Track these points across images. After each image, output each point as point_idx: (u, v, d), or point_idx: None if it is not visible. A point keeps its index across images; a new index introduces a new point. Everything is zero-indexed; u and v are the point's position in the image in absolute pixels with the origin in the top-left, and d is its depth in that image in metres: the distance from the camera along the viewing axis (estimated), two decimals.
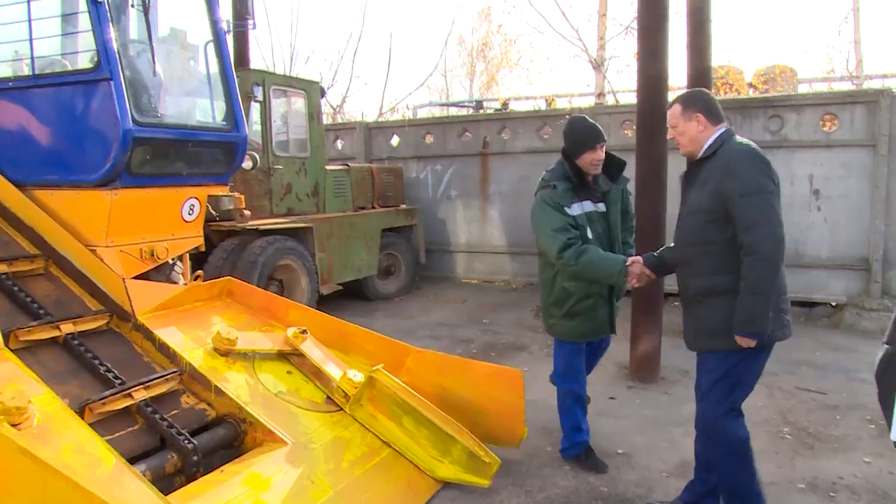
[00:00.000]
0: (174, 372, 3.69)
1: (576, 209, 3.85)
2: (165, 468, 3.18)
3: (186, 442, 3.26)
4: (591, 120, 3.95)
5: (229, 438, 3.52)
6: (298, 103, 8.39)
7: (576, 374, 4.14)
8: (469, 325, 8.05)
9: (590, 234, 3.84)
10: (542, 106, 13.54)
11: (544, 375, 5.62)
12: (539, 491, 3.79)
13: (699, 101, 3.22)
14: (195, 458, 3.23)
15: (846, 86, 13.21)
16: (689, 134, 3.19)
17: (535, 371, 5.83)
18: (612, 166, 4.01)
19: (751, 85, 14.01)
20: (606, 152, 3.94)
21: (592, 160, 3.85)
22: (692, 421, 3.37)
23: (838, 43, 23.66)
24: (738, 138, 3.15)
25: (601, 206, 3.95)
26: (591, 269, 3.70)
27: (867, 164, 7.78)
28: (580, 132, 3.88)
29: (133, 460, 3.05)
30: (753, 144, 3.11)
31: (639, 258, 3.68)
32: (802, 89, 14.27)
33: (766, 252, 2.93)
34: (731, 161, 3.03)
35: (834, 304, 8.06)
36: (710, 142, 3.15)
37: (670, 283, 3.84)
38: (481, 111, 14.72)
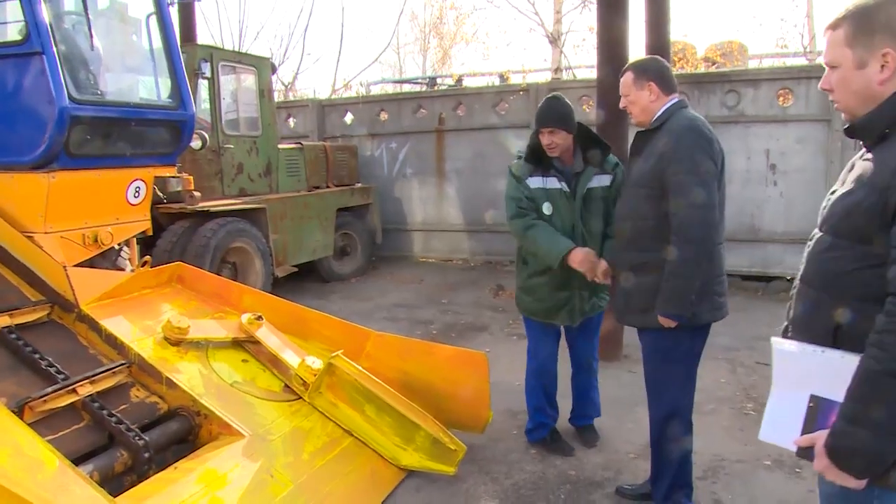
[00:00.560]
0: (122, 364, 3.48)
1: (534, 182, 3.77)
2: (114, 467, 2.99)
3: (137, 438, 3.08)
4: (559, 102, 3.72)
5: (183, 433, 3.35)
6: (248, 80, 8.13)
7: (537, 353, 4.08)
8: (427, 306, 7.94)
9: (546, 211, 3.75)
10: (497, 81, 13.41)
11: (506, 356, 5.59)
12: (506, 477, 3.71)
13: (652, 69, 3.09)
14: (146, 455, 3.05)
15: (800, 61, 13.35)
16: (641, 103, 3.08)
17: (496, 352, 5.76)
18: (592, 148, 3.79)
19: (706, 59, 14.06)
20: (589, 133, 3.81)
21: (543, 142, 3.72)
22: None
23: (792, 17, 24.09)
24: (688, 111, 3.05)
25: (565, 186, 3.76)
26: (536, 245, 3.73)
27: (822, 139, 7.86)
28: (538, 112, 3.75)
29: (79, 461, 2.87)
30: (701, 120, 3.01)
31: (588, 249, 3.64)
32: (753, 65, 14.40)
33: (693, 235, 2.85)
34: (674, 136, 2.93)
35: (790, 278, 8.14)
36: (659, 112, 3.04)
37: None
38: (435, 87, 14.53)
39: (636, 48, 6.91)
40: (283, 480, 3.17)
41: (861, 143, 1.78)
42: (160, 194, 5.15)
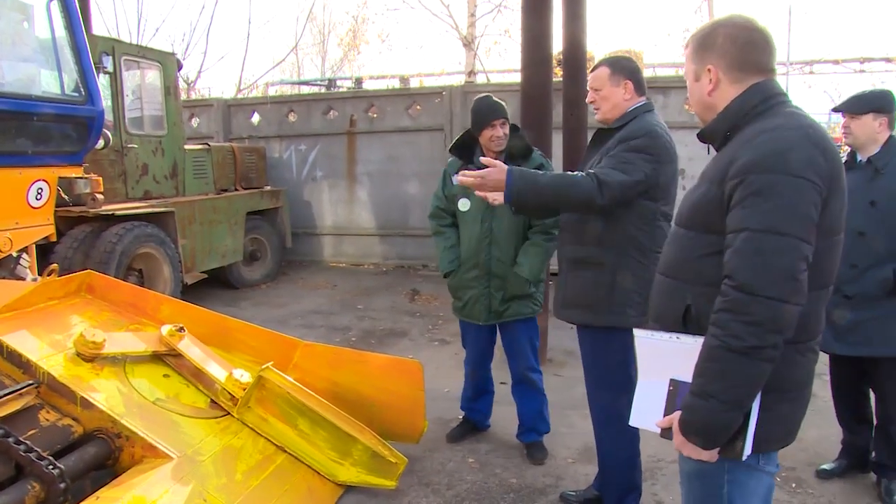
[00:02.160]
0: (29, 385, 3.12)
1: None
2: (25, 502, 2.68)
3: (50, 467, 2.76)
4: (495, 99, 3.86)
5: (102, 457, 3.04)
6: (152, 76, 7.69)
7: (466, 348, 4.28)
8: (343, 312, 7.75)
9: (462, 207, 3.92)
10: (396, 84, 13.33)
11: (431, 362, 5.51)
12: (447, 488, 3.61)
13: (629, 67, 3.05)
14: (62, 485, 2.74)
15: None
16: (614, 100, 3.02)
17: (419, 358, 5.52)
18: (516, 147, 3.88)
19: None
20: (515, 131, 3.90)
21: (492, 136, 3.80)
22: (586, 403, 3.31)
23: (695, 27, 25.13)
24: (652, 115, 3.03)
25: None
26: (437, 250, 4.10)
27: None
28: (484, 108, 3.81)
29: None
30: (663, 127, 2.99)
31: None
32: (648, 73, 14.92)
33: (613, 190, 2.80)
34: (630, 137, 2.91)
35: None
36: (626, 111, 3.01)
37: (553, 263, 3.74)
38: (341, 88, 14.30)
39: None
40: None
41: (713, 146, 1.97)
42: (65, 197, 4.73)
